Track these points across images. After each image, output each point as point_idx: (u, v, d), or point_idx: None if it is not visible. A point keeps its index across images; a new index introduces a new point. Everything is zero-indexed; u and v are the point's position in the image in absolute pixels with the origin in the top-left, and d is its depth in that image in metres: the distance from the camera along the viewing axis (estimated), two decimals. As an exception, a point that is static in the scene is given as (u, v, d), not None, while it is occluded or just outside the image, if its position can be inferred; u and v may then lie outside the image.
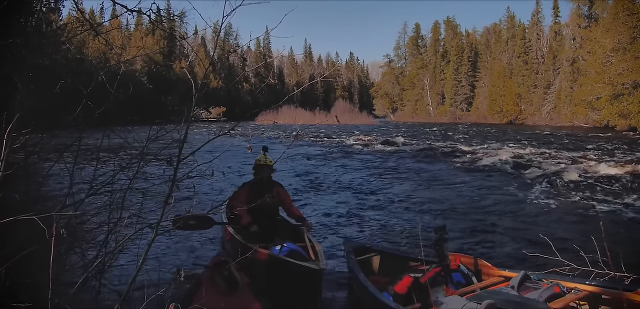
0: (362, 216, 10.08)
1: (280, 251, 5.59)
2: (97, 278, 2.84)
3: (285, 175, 15.21)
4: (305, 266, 5.09)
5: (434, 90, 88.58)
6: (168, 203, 2.97)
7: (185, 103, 3.33)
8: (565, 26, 63.84)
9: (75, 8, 5.39)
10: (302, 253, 5.67)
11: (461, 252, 5.53)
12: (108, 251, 3.00)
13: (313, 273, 4.99)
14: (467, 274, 4.90)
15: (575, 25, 59.99)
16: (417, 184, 14.58)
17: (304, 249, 5.81)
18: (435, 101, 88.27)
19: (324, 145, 30.03)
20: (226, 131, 3.50)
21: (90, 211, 3.39)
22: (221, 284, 4.69)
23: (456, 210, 10.65)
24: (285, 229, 6.78)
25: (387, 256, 5.93)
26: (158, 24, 5.92)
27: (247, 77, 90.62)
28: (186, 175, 3.21)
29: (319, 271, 4.98)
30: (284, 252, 5.55)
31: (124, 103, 3.73)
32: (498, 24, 79.87)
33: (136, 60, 59.31)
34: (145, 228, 3.15)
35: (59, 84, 3.00)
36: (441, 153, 23.66)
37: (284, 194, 6.77)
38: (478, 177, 15.81)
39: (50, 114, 3.19)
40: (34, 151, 3.08)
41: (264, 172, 6.59)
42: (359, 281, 4.93)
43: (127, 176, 3.32)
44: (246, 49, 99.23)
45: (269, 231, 6.44)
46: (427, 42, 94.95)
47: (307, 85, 14.42)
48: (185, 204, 4.45)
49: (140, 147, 3.33)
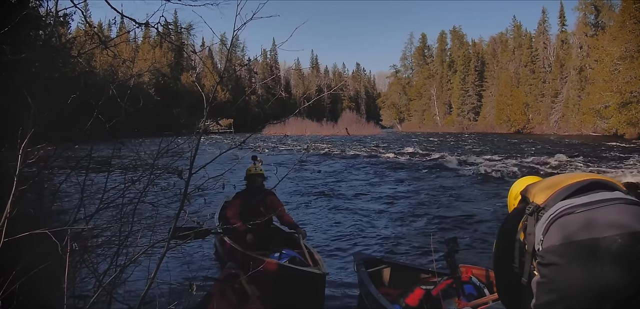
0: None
1: (280, 258, 5.74)
2: (109, 291, 2.82)
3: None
4: (309, 271, 5.24)
5: (441, 100, 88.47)
6: (180, 216, 2.96)
7: (194, 115, 3.33)
8: (572, 35, 63.73)
9: (84, 21, 5.44)
10: (301, 260, 5.79)
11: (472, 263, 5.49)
12: (119, 265, 2.99)
13: (317, 278, 5.10)
14: (479, 286, 4.86)
15: (582, 33, 59.85)
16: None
17: (302, 255, 5.92)
18: (442, 110, 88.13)
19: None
20: (239, 145, 3.50)
21: (102, 225, 3.38)
22: (232, 296, 4.67)
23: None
24: (279, 237, 6.90)
25: (398, 268, 5.89)
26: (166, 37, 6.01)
27: (254, 89, 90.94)
28: (197, 188, 3.20)
29: (322, 275, 5.15)
30: (284, 259, 5.69)
31: (134, 116, 3.74)
32: (504, 34, 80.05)
33: (144, 73, 59.72)
34: (157, 242, 3.14)
35: (69, 98, 3.00)
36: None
37: (277, 202, 6.88)
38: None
39: (61, 127, 3.20)
40: (46, 165, 3.08)
41: (255, 182, 6.75)
42: (370, 293, 4.90)
43: (138, 189, 3.32)
44: (254, 61, 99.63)
45: (264, 239, 6.57)
46: (433, 52, 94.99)
47: (315, 98, 14.45)
48: (196, 217, 4.44)
49: (150, 160, 3.33)
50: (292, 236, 6.59)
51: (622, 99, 45.25)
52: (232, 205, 6.63)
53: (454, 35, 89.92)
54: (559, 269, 1.55)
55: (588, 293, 1.48)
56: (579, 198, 1.62)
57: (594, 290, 1.48)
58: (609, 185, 1.67)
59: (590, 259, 1.50)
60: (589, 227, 1.53)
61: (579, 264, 1.51)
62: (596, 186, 1.66)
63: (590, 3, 59.14)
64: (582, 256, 1.51)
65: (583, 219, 1.56)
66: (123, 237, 3.13)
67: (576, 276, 1.51)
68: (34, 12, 4.40)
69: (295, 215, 11.16)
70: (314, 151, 33.17)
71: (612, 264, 1.47)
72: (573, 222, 1.57)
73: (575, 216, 1.58)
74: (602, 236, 1.50)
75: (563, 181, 1.73)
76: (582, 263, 1.51)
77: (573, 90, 58.79)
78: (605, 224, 1.52)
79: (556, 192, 1.67)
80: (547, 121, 63.43)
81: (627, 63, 45.50)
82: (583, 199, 1.61)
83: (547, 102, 64.28)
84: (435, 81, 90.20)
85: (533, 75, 68.42)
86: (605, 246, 1.49)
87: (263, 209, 6.43)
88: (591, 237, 1.51)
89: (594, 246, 1.50)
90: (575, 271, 1.51)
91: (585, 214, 1.56)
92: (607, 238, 1.49)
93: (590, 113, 51.63)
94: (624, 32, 46.34)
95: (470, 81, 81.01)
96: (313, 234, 9.48)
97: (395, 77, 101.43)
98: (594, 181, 1.68)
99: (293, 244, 6.39)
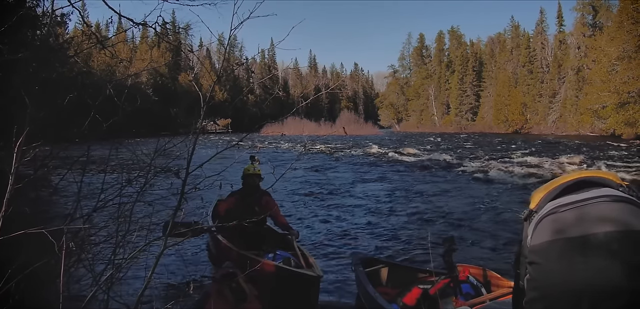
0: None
1: (274, 259, 5.82)
2: (106, 291, 2.82)
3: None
4: (305, 273, 5.26)
5: (439, 100, 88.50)
6: (177, 216, 2.96)
7: (191, 115, 3.34)
8: (569, 35, 63.85)
9: (82, 21, 5.43)
10: (295, 261, 5.84)
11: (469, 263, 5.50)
12: (116, 264, 2.99)
13: (312, 280, 5.13)
14: (477, 285, 4.87)
15: (579, 34, 59.98)
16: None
17: (296, 257, 5.95)
18: (440, 111, 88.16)
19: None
20: (235, 143, 3.50)
21: (99, 224, 3.38)
22: (229, 296, 4.67)
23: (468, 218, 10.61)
24: (272, 238, 6.94)
25: (396, 267, 5.90)
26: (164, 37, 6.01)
27: (252, 89, 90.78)
28: (194, 187, 3.20)
29: (317, 278, 5.17)
30: (278, 260, 5.75)
31: (131, 116, 3.74)
32: (502, 34, 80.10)
33: (142, 73, 59.69)
34: (154, 241, 3.14)
35: (67, 97, 3.01)
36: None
37: (272, 203, 6.89)
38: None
39: (58, 127, 3.20)
40: (43, 164, 3.08)
41: (252, 182, 6.75)
42: (368, 293, 4.91)
43: (135, 189, 3.32)
44: (251, 60, 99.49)
45: (257, 239, 6.59)
46: (431, 53, 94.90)
47: (313, 97, 14.43)
48: (193, 216, 4.45)
49: (148, 160, 3.33)
50: (286, 237, 6.61)
51: (619, 99, 45.34)
52: (226, 203, 6.65)
53: (452, 36, 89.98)
54: (540, 267, 1.57)
55: (566, 293, 1.49)
56: (565, 197, 1.64)
57: (573, 290, 1.48)
58: (599, 182, 1.67)
59: (570, 258, 1.51)
60: (571, 226, 1.55)
61: (558, 263, 1.53)
62: (584, 185, 1.67)
63: (588, 3, 59.29)
64: (562, 255, 1.53)
65: (565, 218, 1.58)
66: (120, 236, 3.13)
67: (556, 275, 1.53)
68: (31, 12, 4.41)
69: (292, 214, 11.19)
70: (311, 150, 33.16)
71: (592, 263, 1.47)
72: (556, 221, 1.59)
73: (558, 215, 1.60)
74: (584, 234, 1.51)
75: (555, 182, 1.75)
76: (562, 262, 1.52)
77: (571, 90, 58.88)
78: (589, 221, 1.53)
79: (546, 194, 1.70)
80: (545, 121, 63.54)
81: (624, 63, 45.59)
82: (569, 198, 1.62)
83: (545, 102, 64.38)
84: (433, 81, 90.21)
85: (531, 75, 68.50)
86: (585, 245, 1.50)
87: (258, 208, 6.47)
88: (571, 235, 1.53)
89: (574, 244, 1.52)
90: (555, 270, 1.53)
91: (569, 213, 1.58)
92: (589, 236, 1.51)
93: (587, 113, 51.69)
94: (621, 33, 46.43)
95: (468, 81, 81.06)
96: (310, 233, 9.50)
97: (394, 77, 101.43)
98: (582, 179, 1.69)
99: (286, 245, 6.42)
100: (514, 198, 13.35)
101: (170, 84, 71.71)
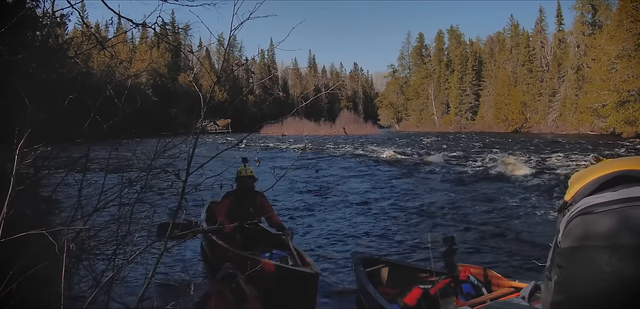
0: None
1: (271, 258, 5.86)
2: (106, 291, 2.82)
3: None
4: (303, 271, 5.29)
5: (439, 99, 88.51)
6: (177, 216, 2.96)
7: (191, 115, 3.33)
8: (569, 34, 63.83)
9: (82, 22, 5.43)
10: (292, 260, 5.87)
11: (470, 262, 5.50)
12: (117, 265, 2.99)
13: (310, 277, 5.17)
14: (477, 285, 4.86)
15: (579, 32, 59.96)
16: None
17: (292, 256, 5.99)
18: (440, 110, 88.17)
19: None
20: (235, 144, 3.50)
21: (99, 225, 3.38)
22: (230, 297, 4.67)
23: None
24: (267, 238, 6.98)
25: (396, 267, 5.89)
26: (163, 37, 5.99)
27: (252, 89, 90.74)
28: (195, 188, 3.20)
29: (315, 275, 5.21)
30: (275, 259, 5.80)
31: (131, 116, 3.74)
32: (502, 33, 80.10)
33: (141, 73, 59.59)
34: (155, 241, 3.14)
35: (67, 98, 3.00)
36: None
37: (266, 204, 6.92)
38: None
39: (58, 128, 3.20)
40: (44, 165, 3.08)
41: (245, 184, 6.81)
42: (368, 292, 4.91)
43: (135, 189, 3.31)
44: (251, 61, 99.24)
45: (252, 239, 6.68)
46: (431, 52, 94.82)
47: (313, 97, 14.43)
48: (194, 218, 4.44)
49: (148, 161, 3.33)
50: (280, 237, 6.63)
51: (619, 97, 45.34)
52: (222, 205, 6.68)
53: (452, 35, 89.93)
54: (566, 273, 1.37)
55: (591, 305, 1.29)
56: (602, 195, 1.38)
57: (599, 304, 1.27)
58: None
59: (599, 270, 1.28)
60: (605, 232, 1.31)
61: (586, 274, 1.31)
62: (626, 179, 1.38)
63: (587, 2, 59.25)
64: (590, 264, 1.30)
65: (599, 222, 1.33)
66: (121, 237, 3.13)
67: (581, 286, 1.32)
68: (30, 13, 4.40)
69: (292, 215, 11.19)
70: (311, 150, 33.14)
71: (625, 280, 1.24)
72: (588, 223, 1.36)
73: (592, 216, 1.36)
74: (619, 243, 1.27)
75: (593, 173, 1.48)
76: (589, 273, 1.30)
77: (570, 89, 58.87)
78: (628, 229, 1.27)
79: (583, 187, 1.45)
80: (545, 120, 63.54)
81: (624, 62, 45.58)
82: (607, 196, 1.36)
83: (545, 101, 64.39)
84: (433, 81, 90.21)
85: (530, 74, 68.50)
86: (620, 257, 1.26)
87: (253, 210, 6.54)
88: (604, 244, 1.29)
89: (606, 255, 1.28)
90: (581, 281, 1.32)
91: (604, 216, 1.33)
92: (626, 246, 1.26)
93: (587, 112, 51.69)
94: (621, 31, 46.42)
95: (468, 81, 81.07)
96: (310, 233, 9.50)
97: (393, 76, 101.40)
98: (623, 173, 1.40)
99: (281, 245, 6.45)
100: (515, 198, 13.34)
101: (170, 84, 71.63)
